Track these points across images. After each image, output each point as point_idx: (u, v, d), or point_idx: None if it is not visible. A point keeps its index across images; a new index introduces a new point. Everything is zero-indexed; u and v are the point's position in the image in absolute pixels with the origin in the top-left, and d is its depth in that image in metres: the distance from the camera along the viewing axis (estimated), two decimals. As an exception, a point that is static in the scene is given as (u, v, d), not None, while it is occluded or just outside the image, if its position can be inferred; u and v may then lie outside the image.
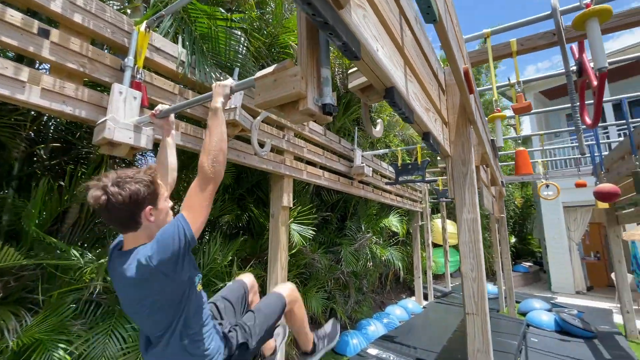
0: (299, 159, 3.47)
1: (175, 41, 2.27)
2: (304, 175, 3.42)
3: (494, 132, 3.43)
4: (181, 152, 3.27)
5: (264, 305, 1.46)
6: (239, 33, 2.56)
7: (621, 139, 5.72)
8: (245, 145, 2.68)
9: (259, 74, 1.07)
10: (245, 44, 2.64)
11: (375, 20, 1.14)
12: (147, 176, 1.10)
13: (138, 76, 1.84)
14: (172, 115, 1.55)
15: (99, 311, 2.48)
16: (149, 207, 1.09)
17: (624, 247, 6.21)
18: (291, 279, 3.78)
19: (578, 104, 2.18)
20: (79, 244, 2.58)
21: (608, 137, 8.76)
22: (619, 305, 7.18)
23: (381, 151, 4.52)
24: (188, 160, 3.31)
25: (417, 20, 1.68)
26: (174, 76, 2.22)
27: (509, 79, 2.74)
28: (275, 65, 1.02)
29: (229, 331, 1.29)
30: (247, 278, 1.70)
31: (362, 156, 4.45)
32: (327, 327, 1.92)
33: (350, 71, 1.69)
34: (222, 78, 2.48)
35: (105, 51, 1.90)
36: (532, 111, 2.18)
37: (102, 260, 2.28)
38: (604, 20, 1.04)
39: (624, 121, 2.98)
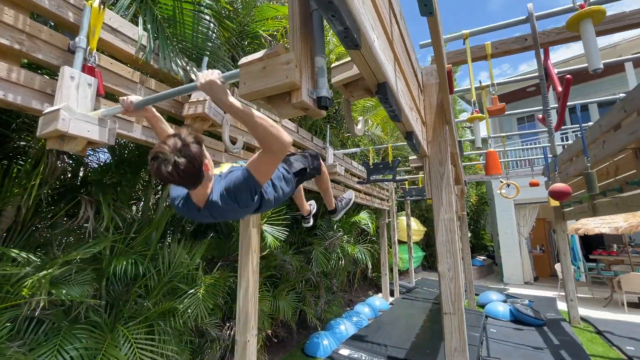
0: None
1: (135, 23, 2.02)
2: (276, 174, 3.28)
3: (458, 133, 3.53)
4: (144, 150, 2.98)
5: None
6: (208, 18, 2.36)
7: (565, 142, 6.26)
8: (215, 141, 2.48)
9: (244, 59, 0.93)
10: (215, 31, 2.43)
11: (372, 9, 1.06)
12: (193, 135, 1.19)
13: (91, 60, 1.59)
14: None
15: (41, 329, 2.16)
16: (205, 160, 1.22)
17: (567, 240, 6.83)
18: (261, 282, 3.63)
19: (545, 106, 2.27)
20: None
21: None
22: (562, 294, 7.90)
23: (353, 150, 4.51)
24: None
25: (401, 16, 1.63)
26: (133, 62, 1.97)
27: (480, 82, 2.83)
28: (265, 50, 0.90)
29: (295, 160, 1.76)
30: None
31: (334, 155, 4.40)
32: (346, 195, 2.57)
33: (333, 65, 1.60)
34: (188, 67, 2.27)
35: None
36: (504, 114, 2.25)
37: (45, 272, 1.98)
38: (598, 22, 1.06)
39: (568, 125, 3.23)
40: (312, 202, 2.54)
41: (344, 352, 4.04)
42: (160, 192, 3.59)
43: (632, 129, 2.90)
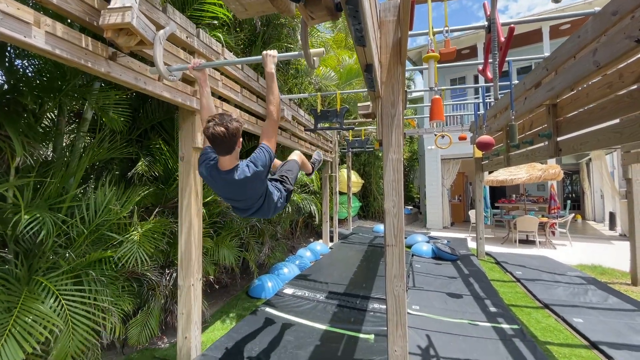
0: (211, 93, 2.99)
1: None
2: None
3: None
4: (50, 65, 2.42)
5: (291, 166, 2.33)
6: None
7: (489, 100, 6.94)
8: (145, 66, 2.11)
9: None
10: None
11: None
12: (238, 120, 1.62)
13: None
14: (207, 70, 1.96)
15: None
16: (240, 139, 1.65)
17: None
18: (205, 228, 3.48)
19: (494, 51, 2.39)
20: None
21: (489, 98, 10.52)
22: (472, 235, 9.29)
23: (300, 95, 4.32)
24: (54, 81, 2.47)
25: None
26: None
27: (432, 27, 2.83)
28: None
29: (278, 181, 2.14)
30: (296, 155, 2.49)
31: (281, 100, 4.17)
32: (315, 156, 3.06)
33: (293, -24, 1.40)
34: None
35: None
36: (451, 59, 2.31)
37: None
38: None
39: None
40: (316, 153, 3.09)
41: (288, 291, 4.25)
42: (75, 131, 3.05)
43: (550, 86, 3.27)
